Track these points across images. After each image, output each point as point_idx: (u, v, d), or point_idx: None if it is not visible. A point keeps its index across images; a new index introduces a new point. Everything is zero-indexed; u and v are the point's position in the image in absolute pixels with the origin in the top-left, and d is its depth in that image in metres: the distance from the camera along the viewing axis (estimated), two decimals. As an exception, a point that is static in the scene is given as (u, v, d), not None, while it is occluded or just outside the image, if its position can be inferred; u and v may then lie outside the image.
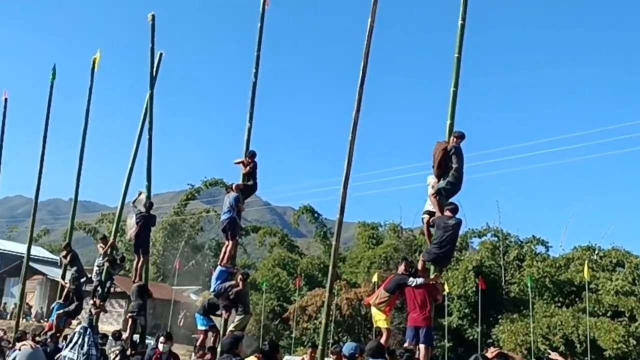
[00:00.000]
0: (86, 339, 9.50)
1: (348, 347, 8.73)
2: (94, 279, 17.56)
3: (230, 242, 14.26)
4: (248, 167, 14.36)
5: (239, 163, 14.57)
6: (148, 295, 16.42)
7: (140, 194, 17.10)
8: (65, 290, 18.18)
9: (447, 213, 10.20)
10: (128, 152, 18.13)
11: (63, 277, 20.11)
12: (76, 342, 9.47)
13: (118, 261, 17.40)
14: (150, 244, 17.72)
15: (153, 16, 18.32)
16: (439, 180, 10.53)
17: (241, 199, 14.24)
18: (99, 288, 17.10)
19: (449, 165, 10.49)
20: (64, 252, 18.95)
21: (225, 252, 14.25)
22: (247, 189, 14.45)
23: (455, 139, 10.69)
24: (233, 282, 13.52)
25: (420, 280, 10.04)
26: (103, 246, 17.83)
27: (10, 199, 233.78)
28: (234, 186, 14.62)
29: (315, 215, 55.06)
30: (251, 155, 14.47)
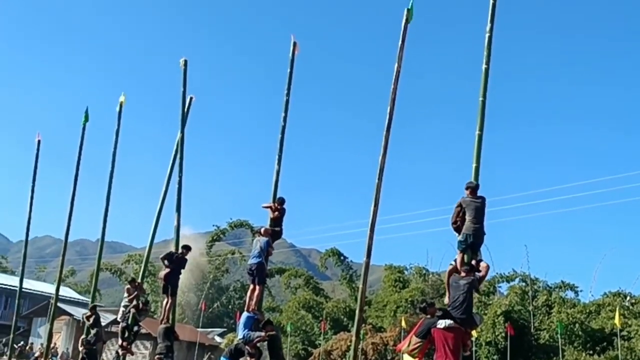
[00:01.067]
0: None
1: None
2: (119, 320, 17.67)
3: (258, 287, 14.06)
4: (277, 213, 14.45)
5: (267, 207, 14.65)
6: (175, 337, 16.45)
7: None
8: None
9: (462, 273, 10.21)
10: (155, 194, 18.39)
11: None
12: None
13: (141, 306, 17.47)
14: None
15: (185, 61, 18.83)
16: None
17: (271, 243, 14.28)
18: (125, 330, 17.20)
19: (464, 219, 10.57)
20: (89, 314, 19.12)
21: (252, 298, 14.05)
22: (274, 234, 14.49)
23: (467, 191, 10.79)
24: (262, 334, 13.40)
25: (449, 322, 9.91)
26: (131, 289, 17.96)
27: (39, 239, 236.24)
28: (262, 230, 14.63)
29: (341, 258, 54.87)
30: (280, 201, 14.55)
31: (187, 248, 16.77)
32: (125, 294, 18.15)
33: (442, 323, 9.96)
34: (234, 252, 68.38)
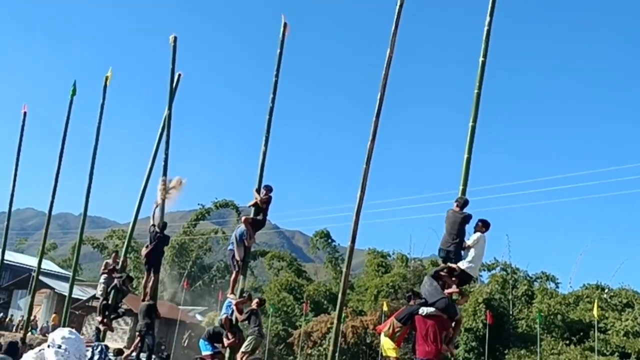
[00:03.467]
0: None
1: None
2: (98, 296, 17.54)
3: (233, 273, 14.60)
4: (262, 200, 14.29)
5: (253, 205, 14.48)
6: (156, 315, 16.39)
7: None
8: None
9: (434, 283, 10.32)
10: (139, 170, 18.32)
11: (71, 292, 20.18)
12: None
13: (122, 283, 17.29)
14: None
15: (175, 38, 18.60)
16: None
17: (250, 233, 14.19)
18: (105, 308, 17.07)
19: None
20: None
21: (232, 283, 14.46)
22: (255, 223, 14.37)
23: (455, 204, 10.81)
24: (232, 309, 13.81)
25: (431, 310, 9.94)
26: (109, 263, 17.86)
27: (21, 212, 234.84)
28: (242, 219, 14.68)
29: (329, 241, 54.74)
30: (267, 189, 14.45)
31: (163, 226, 16.56)
32: (102, 268, 18.05)
33: (423, 310, 10.00)
34: (217, 231, 68.32)
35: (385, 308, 36.25)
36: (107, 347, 14.45)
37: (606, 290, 40.65)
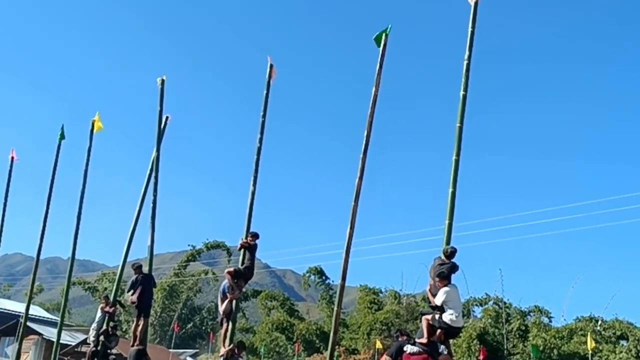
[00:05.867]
0: None
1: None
2: (89, 342, 17.27)
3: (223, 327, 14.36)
4: (249, 244, 14.19)
5: (241, 248, 14.39)
6: (145, 357, 16.15)
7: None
8: None
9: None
10: (128, 212, 18.21)
11: (59, 338, 19.85)
12: None
13: (110, 331, 17.08)
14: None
15: (163, 80, 18.72)
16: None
17: (233, 285, 13.84)
18: (94, 355, 16.81)
19: None
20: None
21: (222, 337, 14.29)
22: (239, 274, 13.92)
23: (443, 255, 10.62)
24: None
25: (415, 349, 9.93)
26: (104, 307, 17.63)
27: (9, 257, 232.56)
28: (226, 272, 14.34)
29: (323, 277, 53.88)
30: (253, 235, 14.40)
31: (137, 268, 16.35)
32: (99, 313, 17.78)
33: (408, 348, 10.03)
34: (208, 272, 67.90)
35: (378, 346, 35.94)
36: None
37: (600, 323, 40.56)
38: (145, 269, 16.69)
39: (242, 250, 14.20)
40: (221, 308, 13.85)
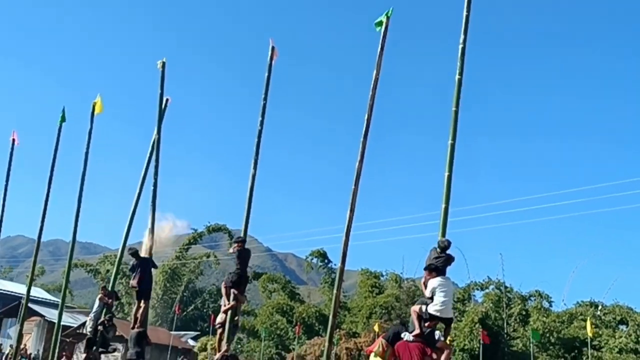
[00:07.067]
0: None
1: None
2: (87, 332, 17.19)
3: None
4: (235, 252, 14.22)
5: (232, 252, 14.46)
6: (147, 342, 16.17)
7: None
8: None
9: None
10: (129, 194, 18.16)
11: (60, 319, 19.91)
12: None
13: (107, 323, 17.07)
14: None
15: (163, 63, 18.59)
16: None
17: (229, 296, 13.91)
18: (91, 343, 16.78)
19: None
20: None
21: (217, 344, 14.46)
22: (236, 283, 13.93)
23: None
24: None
25: (410, 337, 9.89)
26: (103, 297, 17.59)
27: (12, 239, 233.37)
28: (222, 285, 14.64)
29: (326, 261, 53.85)
30: (237, 241, 14.40)
31: (134, 254, 16.38)
32: (97, 302, 17.75)
33: (405, 335, 10.00)
34: (209, 255, 68.12)
35: (377, 329, 36.09)
36: None
37: (600, 308, 40.66)
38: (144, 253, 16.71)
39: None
40: (218, 316, 14.15)
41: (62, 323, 21.10)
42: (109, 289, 18.08)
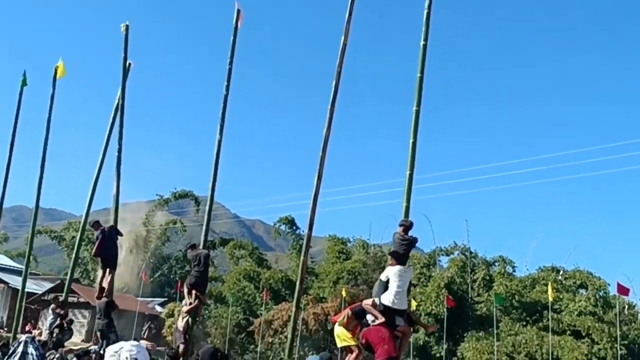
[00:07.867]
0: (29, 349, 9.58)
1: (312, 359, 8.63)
2: (44, 338, 16.93)
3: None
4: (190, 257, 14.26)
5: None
6: (114, 307, 16.08)
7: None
8: None
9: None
10: (94, 161, 17.92)
11: (24, 286, 19.72)
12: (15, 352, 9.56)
13: (65, 326, 16.93)
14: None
15: (127, 27, 18.16)
16: None
17: (186, 298, 14.12)
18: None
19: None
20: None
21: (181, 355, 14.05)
22: (197, 282, 14.02)
23: (400, 229, 10.35)
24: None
25: (377, 322, 9.78)
26: (55, 308, 17.38)
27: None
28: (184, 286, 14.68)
29: (294, 227, 53.82)
30: (190, 247, 14.61)
31: (95, 224, 16.22)
32: (51, 315, 17.56)
33: (370, 317, 9.85)
34: (176, 221, 67.73)
35: (344, 294, 36.47)
36: (33, 339, 13.77)
37: (561, 272, 41.65)
38: (110, 219, 16.54)
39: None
40: (180, 324, 14.04)
41: (26, 290, 20.93)
42: (73, 256, 17.97)
